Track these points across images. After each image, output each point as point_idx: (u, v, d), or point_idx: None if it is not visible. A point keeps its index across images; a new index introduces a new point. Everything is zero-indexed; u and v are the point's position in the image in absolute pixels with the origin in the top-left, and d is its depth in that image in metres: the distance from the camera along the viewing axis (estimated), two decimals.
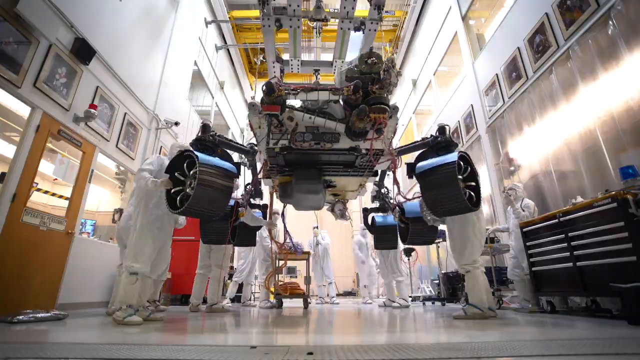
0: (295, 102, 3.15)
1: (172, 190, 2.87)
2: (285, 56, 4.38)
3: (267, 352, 1.51)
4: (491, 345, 1.66)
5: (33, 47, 3.73)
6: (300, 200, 3.91)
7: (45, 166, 4.47)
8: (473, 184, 3.04)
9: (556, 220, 3.31)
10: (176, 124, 6.74)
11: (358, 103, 2.85)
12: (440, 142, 3.31)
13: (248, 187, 4.30)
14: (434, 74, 9.07)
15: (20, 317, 2.80)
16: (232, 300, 7.23)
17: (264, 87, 2.84)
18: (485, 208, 6.29)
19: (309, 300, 5.66)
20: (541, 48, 4.74)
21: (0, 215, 3.33)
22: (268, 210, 4.82)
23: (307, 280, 5.43)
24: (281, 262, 5.23)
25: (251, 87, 13.27)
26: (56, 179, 5.17)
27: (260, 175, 3.83)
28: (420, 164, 3.20)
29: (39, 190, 5.08)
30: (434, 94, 9.19)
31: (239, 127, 12.76)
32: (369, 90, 2.90)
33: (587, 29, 3.94)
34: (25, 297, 3.57)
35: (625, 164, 3.13)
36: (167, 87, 6.83)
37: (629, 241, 2.47)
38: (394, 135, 3.40)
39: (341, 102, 3.02)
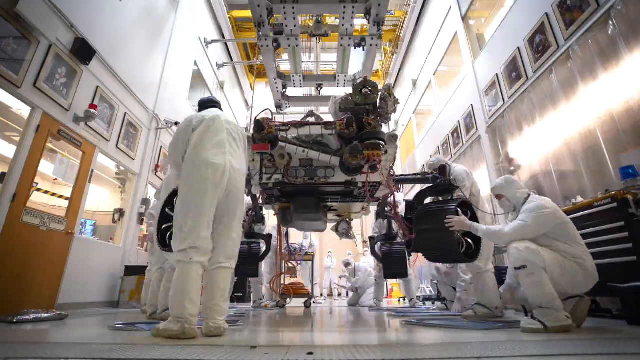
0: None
1: (163, 227, 2.70)
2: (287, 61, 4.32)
3: (267, 352, 1.51)
4: (491, 345, 1.66)
5: (33, 47, 3.73)
6: (302, 225, 3.90)
7: (45, 166, 4.48)
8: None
9: None
10: (176, 124, 6.73)
11: (352, 136, 2.76)
12: (440, 184, 3.17)
13: (249, 212, 4.19)
14: (434, 74, 9.07)
15: (21, 317, 2.80)
16: (232, 300, 7.20)
17: (253, 125, 2.79)
18: (485, 208, 6.29)
19: (312, 300, 5.67)
20: (541, 48, 4.74)
21: (0, 215, 3.33)
22: (278, 242, 4.73)
23: (312, 279, 5.44)
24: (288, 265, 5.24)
25: (251, 87, 13.28)
26: (56, 179, 5.18)
27: (260, 201, 3.78)
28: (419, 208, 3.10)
29: (39, 190, 5.09)
30: (434, 93, 9.20)
31: None
32: (363, 122, 2.80)
33: (587, 29, 3.94)
34: (26, 297, 3.58)
35: (625, 164, 3.13)
36: (167, 87, 6.83)
37: (629, 241, 2.47)
38: (394, 163, 3.27)
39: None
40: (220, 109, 2.57)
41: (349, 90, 4.70)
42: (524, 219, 2.29)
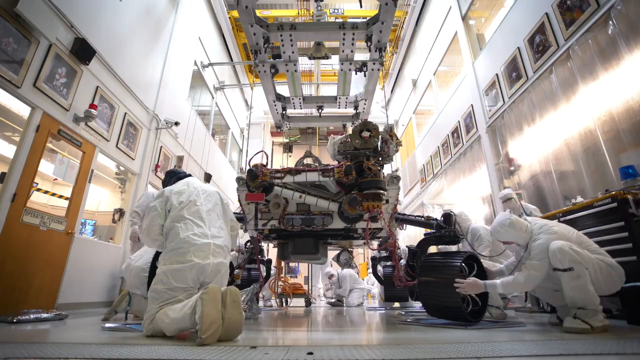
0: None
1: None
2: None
3: (267, 352, 1.51)
4: (490, 345, 1.66)
5: (33, 47, 3.73)
6: (301, 260, 3.80)
7: (45, 166, 4.47)
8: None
9: (556, 220, 3.30)
10: (176, 123, 6.74)
11: (351, 183, 2.69)
12: (445, 235, 3.03)
13: (248, 244, 4.14)
14: (434, 74, 9.07)
15: (21, 317, 2.80)
16: None
17: (246, 174, 2.72)
18: (485, 208, 6.28)
19: (311, 300, 5.67)
20: (541, 48, 4.74)
21: (0, 215, 3.33)
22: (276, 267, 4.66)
23: (309, 280, 5.43)
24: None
25: (251, 87, 13.27)
26: (56, 179, 5.17)
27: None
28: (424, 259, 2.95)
29: (39, 190, 5.08)
30: (434, 93, 9.20)
31: (238, 127, 12.77)
32: (363, 167, 2.72)
33: (587, 28, 3.94)
34: (25, 297, 3.58)
35: (625, 164, 3.13)
36: (167, 87, 6.82)
37: (629, 241, 2.46)
38: (397, 204, 3.19)
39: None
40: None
41: (350, 110, 4.66)
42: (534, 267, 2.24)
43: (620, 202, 2.55)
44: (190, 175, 2.59)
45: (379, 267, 4.93)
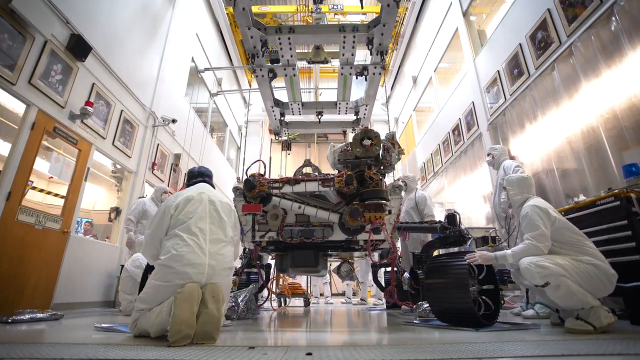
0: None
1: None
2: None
3: (266, 353, 1.49)
4: (491, 345, 1.63)
5: (28, 44, 3.68)
6: (300, 272, 3.83)
7: (41, 164, 4.44)
8: (492, 286, 2.55)
9: None
10: (173, 121, 6.69)
11: (352, 193, 2.62)
12: (450, 236, 2.92)
13: (246, 251, 4.08)
14: (434, 71, 9.02)
15: (16, 317, 2.77)
16: None
17: (243, 184, 2.65)
18: (486, 207, 6.26)
19: (310, 300, 5.65)
20: (543, 44, 4.69)
21: None
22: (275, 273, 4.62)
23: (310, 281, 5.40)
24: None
25: (249, 85, 13.20)
26: (52, 177, 5.14)
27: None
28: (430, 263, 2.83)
29: (34, 188, 5.04)
30: (434, 91, 9.15)
31: (237, 125, 12.71)
32: (364, 177, 2.65)
33: (589, 25, 3.90)
34: (21, 296, 3.55)
35: (628, 162, 3.09)
36: (164, 84, 6.77)
37: (632, 240, 2.44)
38: (399, 214, 3.11)
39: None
40: (210, 182, 2.30)
41: (351, 117, 4.59)
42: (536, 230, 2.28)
43: (623, 200, 2.52)
44: (207, 175, 2.33)
45: (380, 273, 4.89)
